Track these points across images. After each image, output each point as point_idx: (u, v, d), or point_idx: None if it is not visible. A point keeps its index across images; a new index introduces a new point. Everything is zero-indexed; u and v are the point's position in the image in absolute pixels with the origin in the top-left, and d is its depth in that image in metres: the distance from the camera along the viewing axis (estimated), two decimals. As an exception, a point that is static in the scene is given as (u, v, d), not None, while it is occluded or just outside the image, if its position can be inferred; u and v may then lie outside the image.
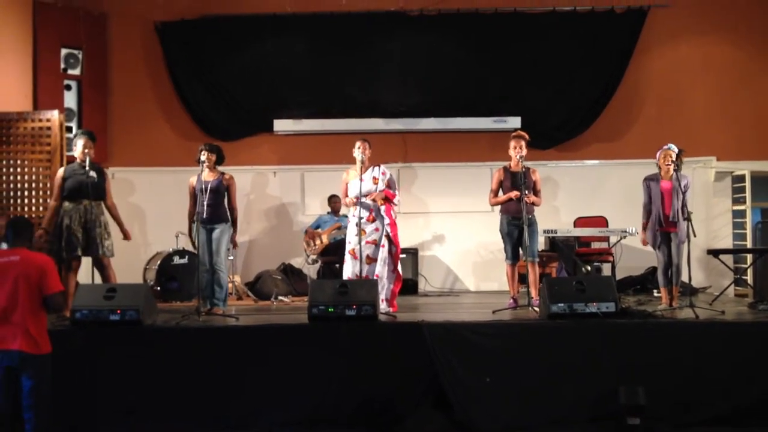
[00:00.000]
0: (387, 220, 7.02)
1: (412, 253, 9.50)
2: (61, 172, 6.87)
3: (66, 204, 6.71)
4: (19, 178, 7.63)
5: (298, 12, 9.77)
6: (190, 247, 8.20)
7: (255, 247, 9.87)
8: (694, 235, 6.66)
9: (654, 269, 8.06)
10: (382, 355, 5.85)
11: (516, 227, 6.97)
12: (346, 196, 7.15)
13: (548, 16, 9.72)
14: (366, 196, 6.98)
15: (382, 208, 7.04)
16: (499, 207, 7.23)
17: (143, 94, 9.91)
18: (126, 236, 7.00)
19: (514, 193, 6.93)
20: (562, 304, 5.96)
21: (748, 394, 5.72)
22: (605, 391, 5.64)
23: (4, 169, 7.63)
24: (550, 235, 7.99)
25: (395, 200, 7.16)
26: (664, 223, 6.93)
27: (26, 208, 7.61)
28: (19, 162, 7.64)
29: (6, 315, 4.60)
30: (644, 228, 7.12)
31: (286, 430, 5.69)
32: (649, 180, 7.11)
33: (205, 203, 6.82)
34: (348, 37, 9.81)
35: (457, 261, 9.88)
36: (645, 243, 7.12)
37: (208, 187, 6.86)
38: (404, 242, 8.95)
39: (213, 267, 6.94)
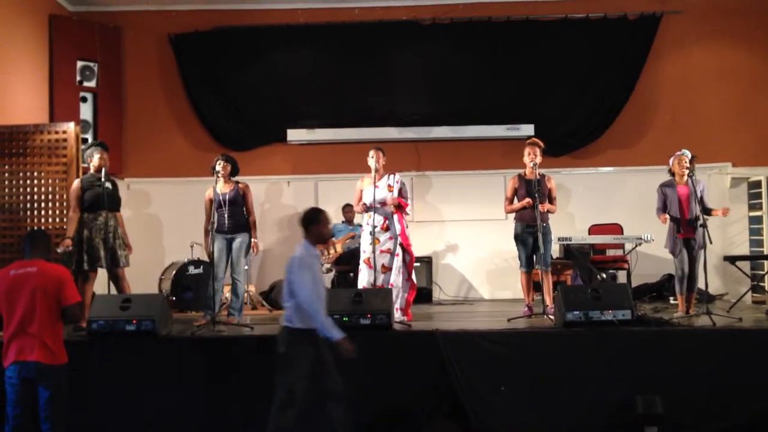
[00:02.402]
0: (399, 229, 7.02)
1: (426, 261, 9.48)
2: (77, 183, 6.92)
3: (86, 215, 6.77)
4: (35, 190, 7.68)
5: (310, 22, 9.83)
6: (204, 257, 8.27)
7: (269, 256, 9.89)
8: (710, 242, 6.62)
9: (670, 276, 8.01)
10: (397, 364, 5.84)
11: (531, 235, 6.94)
12: (359, 201, 7.17)
13: (561, 23, 9.72)
14: (381, 203, 6.99)
15: (395, 216, 7.04)
16: (513, 214, 7.22)
17: (157, 106, 9.99)
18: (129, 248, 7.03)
19: (527, 201, 6.91)
20: (577, 312, 5.94)
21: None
22: (622, 400, 5.61)
23: (21, 181, 7.68)
24: (565, 242, 7.98)
25: (407, 209, 7.17)
26: (683, 229, 6.89)
27: (42, 220, 7.65)
28: (35, 174, 7.69)
29: (23, 326, 4.64)
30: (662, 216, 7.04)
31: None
32: (665, 187, 7.08)
33: (225, 215, 6.89)
34: (361, 46, 9.85)
35: (472, 269, 9.85)
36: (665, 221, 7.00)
37: (226, 199, 6.93)
38: (418, 251, 8.92)
39: (231, 276, 6.98)
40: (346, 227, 9.21)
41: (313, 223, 4.92)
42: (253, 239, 7.04)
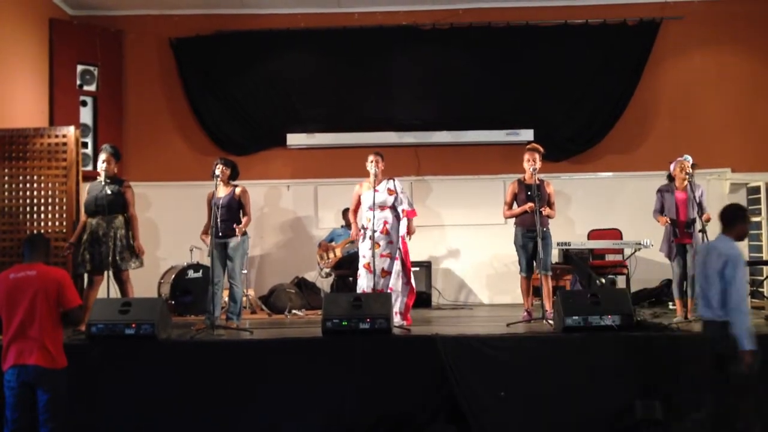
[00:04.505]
0: (400, 234, 7.05)
1: (426, 266, 9.48)
2: (87, 188, 7.02)
3: (87, 220, 6.83)
4: (35, 193, 7.69)
5: (311, 27, 9.85)
6: (204, 261, 8.26)
7: (268, 260, 9.89)
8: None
9: (669, 281, 8.02)
10: (397, 368, 5.84)
11: (531, 240, 6.95)
12: (357, 207, 7.18)
13: (560, 29, 9.73)
14: (380, 207, 7.00)
15: (400, 223, 7.07)
16: (513, 219, 7.23)
17: (158, 110, 10.00)
18: (138, 250, 7.01)
19: (528, 206, 6.91)
20: (576, 317, 5.94)
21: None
22: (621, 405, 5.61)
23: (21, 185, 7.70)
24: (564, 247, 7.99)
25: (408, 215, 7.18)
26: (680, 234, 6.90)
27: (42, 224, 7.66)
28: (35, 178, 7.71)
29: (23, 330, 4.64)
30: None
31: (301, 444, 5.70)
32: (663, 191, 7.10)
33: (218, 219, 6.87)
34: (361, 51, 9.86)
35: (471, 274, 9.85)
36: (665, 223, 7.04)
37: (220, 203, 6.92)
38: (417, 255, 8.96)
39: (228, 281, 6.97)
40: (345, 231, 9.20)
41: (739, 220, 4.77)
42: (238, 225, 6.87)
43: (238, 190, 7.08)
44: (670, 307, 8.07)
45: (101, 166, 6.87)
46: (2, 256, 7.49)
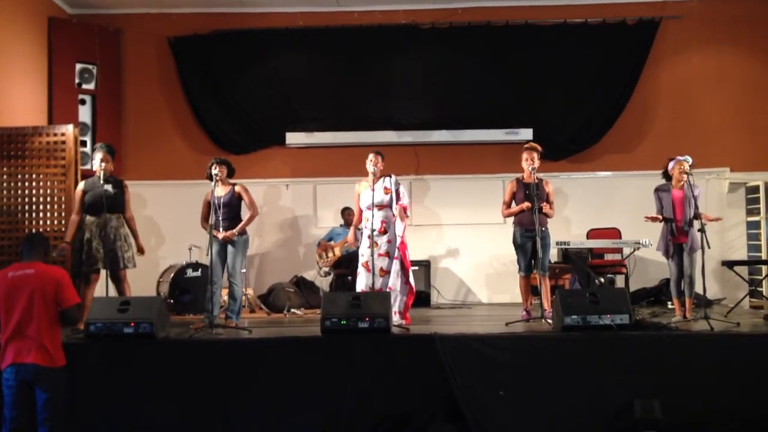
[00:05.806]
0: (399, 234, 7.04)
1: (425, 265, 9.48)
2: (81, 185, 6.99)
3: (87, 218, 6.83)
4: (34, 192, 7.68)
5: (310, 26, 9.84)
6: (203, 260, 8.26)
7: (267, 259, 9.89)
8: (708, 246, 6.61)
9: (668, 281, 8.01)
10: (395, 367, 5.84)
11: (529, 239, 6.95)
12: (360, 207, 7.18)
13: (560, 28, 9.72)
14: (378, 206, 7.00)
15: (396, 222, 7.06)
16: (512, 219, 7.22)
17: (157, 109, 9.99)
18: (140, 250, 7.04)
19: (526, 204, 6.91)
20: (575, 317, 5.94)
21: (765, 408, 5.67)
22: (620, 405, 5.61)
23: (20, 184, 7.69)
24: (563, 246, 8.00)
25: (407, 212, 7.18)
26: (676, 233, 6.91)
27: (41, 222, 7.66)
28: (34, 176, 7.70)
29: (21, 328, 4.64)
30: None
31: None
32: (661, 191, 7.09)
33: (220, 218, 6.87)
34: (360, 50, 9.85)
35: (470, 273, 9.85)
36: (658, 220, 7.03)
37: (221, 202, 6.92)
38: (417, 254, 8.96)
39: (228, 279, 6.97)
40: (344, 230, 9.19)
41: None
42: (232, 230, 6.90)
43: (237, 188, 7.09)
44: (669, 306, 8.06)
45: (100, 165, 6.85)
46: (1, 255, 7.48)
